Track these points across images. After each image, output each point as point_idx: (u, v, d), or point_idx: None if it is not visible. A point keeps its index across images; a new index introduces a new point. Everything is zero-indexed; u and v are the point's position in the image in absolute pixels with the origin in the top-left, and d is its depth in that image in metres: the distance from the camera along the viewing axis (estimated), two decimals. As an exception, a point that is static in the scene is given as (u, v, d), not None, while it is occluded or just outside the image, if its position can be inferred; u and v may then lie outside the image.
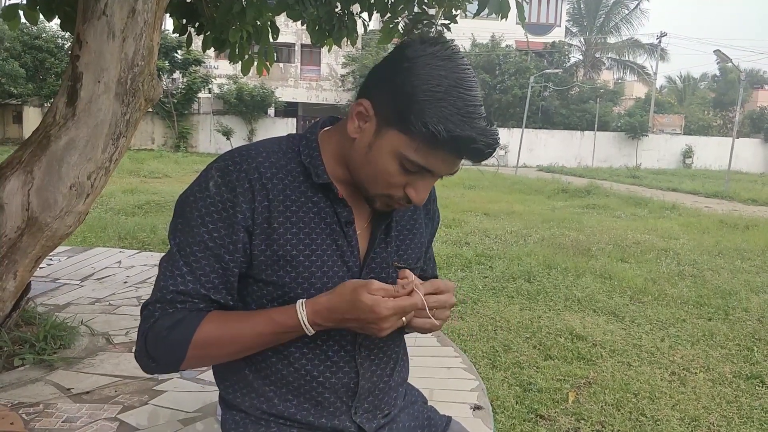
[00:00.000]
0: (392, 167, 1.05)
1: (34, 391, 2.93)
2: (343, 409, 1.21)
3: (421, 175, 1.06)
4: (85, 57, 2.86)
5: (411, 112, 1.00)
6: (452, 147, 1.01)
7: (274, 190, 1.11)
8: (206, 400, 2.86)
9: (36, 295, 4.25)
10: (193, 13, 4.31)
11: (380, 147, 1.05)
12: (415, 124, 0.99)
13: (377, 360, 1.23)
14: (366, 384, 1.22)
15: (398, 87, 1.02)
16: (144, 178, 14.93)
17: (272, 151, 1.15)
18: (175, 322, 1.09)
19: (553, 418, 3.02)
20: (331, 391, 1.19)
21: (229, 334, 1.10)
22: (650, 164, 32.38)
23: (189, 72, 27.51)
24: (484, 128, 1.01)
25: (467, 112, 0.99)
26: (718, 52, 22.26)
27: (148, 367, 1.13)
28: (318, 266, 1.13)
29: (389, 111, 1.04)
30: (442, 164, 1.05)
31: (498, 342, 4.06)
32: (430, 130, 0.98)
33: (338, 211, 1.15)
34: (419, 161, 1.03)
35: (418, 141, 1.01)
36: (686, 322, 4.74)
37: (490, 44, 32.59)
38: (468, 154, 1.03)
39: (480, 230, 8.72)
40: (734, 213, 12.18)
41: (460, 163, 1.07)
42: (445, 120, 0.98)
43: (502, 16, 3.76)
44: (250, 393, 1.21)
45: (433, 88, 0.99)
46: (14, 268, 3.00)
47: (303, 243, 1.13)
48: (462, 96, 0.99)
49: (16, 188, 2.87)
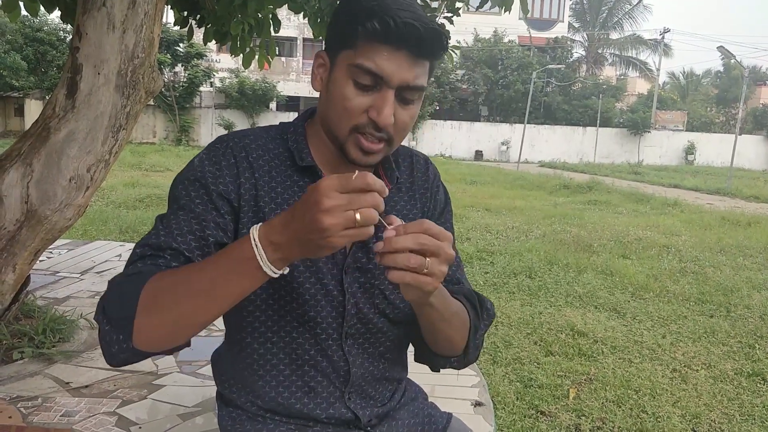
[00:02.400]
0: (348, 90, 1.04)
1: (33, 384, 2.92)
2: (336, 394, 1.20)
3: (377, 89, 1.03)
4: (85, 48, 2.84)
5: (349, 24, 1.03)
6: (390, 36, 1.00)
7: (260, 170, 1.12)
8: (206, 395, 2.85)
9: (35, 288, 4.25)
10: (194, 5, 4.28)
11: (335, 76, 1.07)
12: (354, 31, 1.02)
13: (364, 351, 1.21)
14: (358, 371, 1.20)
15: (338, 15, 1.08)
16: (145, 171, 14.92)
17: (260, 135, 1.17)
18: (136, 272, 0.99)
19: (554, 414, 3.01)
20: (324, 375, 1.18)
21: (183, 275, 0.95)
22: (652, 160, 32.35)
23: (191, 65, 27.48)
24: (418, 13, 1.01)
25: (398, 3, 1.01)
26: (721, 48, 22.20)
27: (102, 333, 0.97)
28: None
29: (336, 41, 1.07)
30: (390, 63, 1.01)
31: (499, 338, 4.04)
32: (366, 27, 1.00)
33: None
34: (367, 64, 1.01)
35: (360, 46, 1.02)
36: (688, 318, 4.73)
37: (492, 39, 32.54)
38: (407, 41, 1.00)
39: (481, 226, 8.70)
40: (736, 210, 12.16)
41: (413, 64, 1.03)
42: (377, 13, 1.00)
43: (505, 9, 3.74)
44: (245, 388, 1.21)
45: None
46: (13, 260, 2.98)
47: None
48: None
49: (15, 180, 2.85)
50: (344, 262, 1.16)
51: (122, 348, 0.95)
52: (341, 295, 1.16)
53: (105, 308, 0.97)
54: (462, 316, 1.16)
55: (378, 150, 1.07)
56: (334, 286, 1.15)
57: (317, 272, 1.14)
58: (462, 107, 33.34)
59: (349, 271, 1.16)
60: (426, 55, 1.03)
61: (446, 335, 1.14)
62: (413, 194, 1.26)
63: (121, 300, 0.95)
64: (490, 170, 20.48)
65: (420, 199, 1.26)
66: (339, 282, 1.15)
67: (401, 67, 1.01)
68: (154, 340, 0.95)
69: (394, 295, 1.19)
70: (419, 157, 1.32)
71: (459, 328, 1.16)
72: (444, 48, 1.05)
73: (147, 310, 0.93)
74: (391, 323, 1.21)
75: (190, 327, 0.95)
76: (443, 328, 1.12)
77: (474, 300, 1.22)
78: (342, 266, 1.16)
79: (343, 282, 1.16)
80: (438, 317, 1.08)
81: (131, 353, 0.95)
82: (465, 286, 1.28)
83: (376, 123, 1.04)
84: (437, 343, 1.17)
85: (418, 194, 1.26)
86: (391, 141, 1.08)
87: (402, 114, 1.06)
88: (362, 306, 1.18)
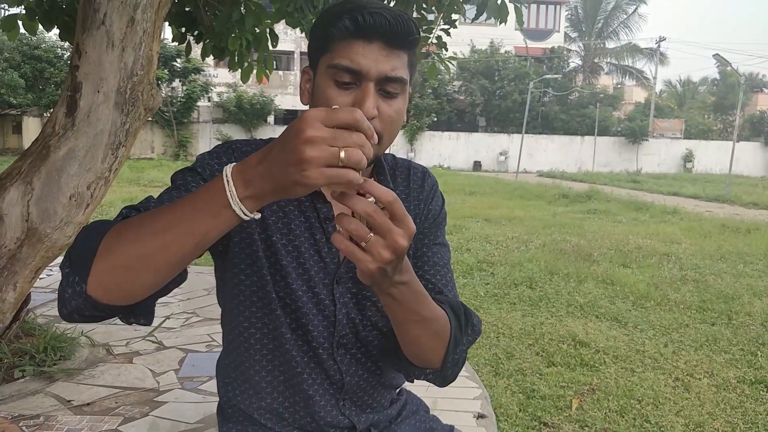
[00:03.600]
0: (330, 90, 1.05)
1: (35, 403, 2.92)
2: (332, 402, 1.21)
3: (358, 85, 1.04)
4: (84, 67, 2.86)
5: (323, 30, 1.06)
6: (361, 30, 1.02)
7: None
8: (207, 411, 2.84)
9: (36, 306, 4.24)
10: (192, 21, 4.31)
11: (317, 82, 1.09)
12: (328, 35, 1.05)
13: (357, 361, 1.22)
14: (351, 380, 1.21)
15: (314, 27, 1.10)
16: (144, 186, 14.94)
17: (257, 145, 1.17)
18: (113, 220, 0.96)
19: (557, 425, 3.00)
20: (319, 384, 1.19)
21: (151, 213, 0.90)
22: (651, 169, 32.39)
23: (188, 80, 27.55)
24: (387, 7, 1.03)
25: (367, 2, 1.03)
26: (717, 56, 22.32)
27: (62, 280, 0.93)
28: (294, 257, 1.15)
29: (315, 51, 1.10)
30: (365, 56, 1.02)
31: (500, 349, 4.04)
32: (338, 27, 1.03)
33: (318, 206, 1.16)
34: (344, 62, 1.03)
35: (335, 48, 1.04)
36: (689, 327, 4.72)
37: (489, 50, 32.65)
38: (378, 33, 1.02)
39: (481, 236, 8.70)
40: (736, 217, 12.17)
41: (388, 55, 1.04)
42: (347, 12, 1.02)
43: (500, 21, 3.76)
44: (248, 391, 1.22)
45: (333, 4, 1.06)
46: (14, 279, 2.98)
47: (281, 232, 1.15)
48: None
49: (15, 199, 2.86)
50: (337, 271, 1.16)
51: (75, 291, 0.89)
52: (332, 305, 1.16)
53: (69, 252, 0.93)
54: (440, 323, 1.07)
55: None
56: (326, 296, 1.16)
57: (309, 281, 1.15)
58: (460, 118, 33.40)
59: (341, 281, 1.17)
60: (399, 44, 1.04)
61: (415, 339, 1.06)
62: (408, 206, 1.24)
63: (84, 241, 0.91)
64: (488, 181, 20.51)
65: (413, 210, 1.25)
66: (330, 291, 1.16)
67: (377, 59, 1.02)
68: (109, 284, 0.89)
69: None
70: (417, 169, 1.31)
71: (434, 336, 1.08)
72: (416, 37, 1.06)
73: (108, 249, 0.88)
74: (382, 335, 1.21)
75: (147, 268, 0.87)
76: (412, 330, 1.04)
77: (459, 311, 1.14)
78: (334, 276, 1.16)
79: (335, 292, 1.16)
80: (404, 316, 1.00)
81: (83, 300, 0.89)
82: (450, 297, 1.21)
83: None
84: (405, 346, 1.09)
85: (412, 205, 1.26)
86: (380, 137, 1.06)
87: (386, 108, 1.05)
88: (354, 316, 1.18)
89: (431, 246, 1.26)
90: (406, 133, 30.06)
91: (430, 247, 1.25)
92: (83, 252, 0.89)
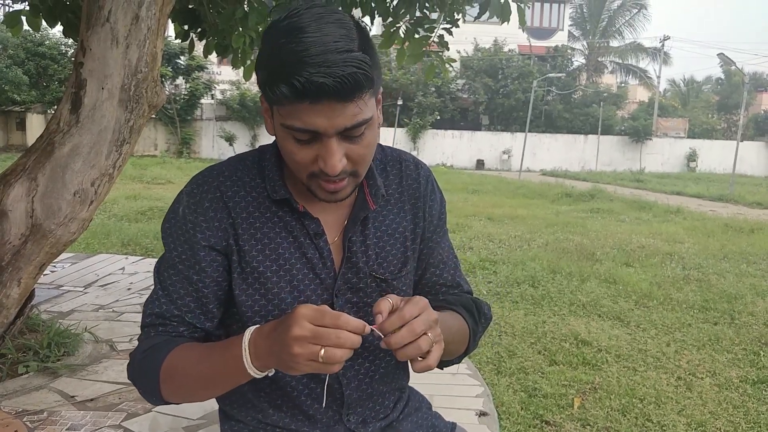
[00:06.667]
0: (290, 144, 1.00)
1: (38, 398, 2.93)
2: (336, 418, 1.20)
3: (316, 140, 0.98)
4: (88, 64, 2.87)
5: (265, 86, 0.96)
6: (303, 95, 0.91)
7: (236, 208, 1.12)
8: (209, 408, 2.85)
9: (40, 302, 4.25)
10: (195, 18, 4.31)
11: (276, 129, 1.03)
12: (272, 93, 0.95)
13: (360, 371, 1.21)
14: (353, 393, 1.20)
15: (256, 71, 1.00)
16: (147, 184, 14.95)
17: (236, 168, 1.16)
18: (151, 347, 1.09)
19: (559, 423, 3.01)
20: (319, 402, 1.18)
21: (190, 363, 1.04)
22: (654, 168, 32.30)
23: (192, 78, 27.57)
24: (328, 58, 0.90)
25: (298, 56, 0.91)
26: (721, 55, 22.23)
27: (140, 392, 1.14)
28: (287, 281, 1.12)
29: (264, 94, 1.00)
30: (317, 117, 0.94)
31: (503, 347, 4.04)
32: (279, 92, 0.93)
33: (306, 223, 1.13)
34: (296, 124, 0.96)
35: (283, 107, 0.96)
36: (692, 326, 4.72)
37: (492, 49, 32.60)
38: (323, 94, 0.91)
39: (484, 235, 8.70)
40: (739, 216, 12.14)
41: (343, 108, 0.94)
42: (283, 77, 0.92)
43: (503, 20, 3.76)
44: (246, 405, 1.21)
45: (266, 52, 0.96)
46: (18, 275, 2.99)
47: (270, 259, 1.12)
48: (290, 46, 0.92)
49: (20, 195, 2.87)
50: (334, 286, 1.15)
51: (159, 403, 1.12)
52: None
53: (135, 381, 1.12)
54: (463, 331, 1.18)
55: (342, 187, 1.04)
56: None
57: (305, 301, 1.13)
58: (463, 117, 33.34)
59: (340, 294, 1.16)
60: (350, 97, 0.93)
61: (449, 352, 1.12)
62: (402, 205, 1.23)
63: (145, 378, 1.09)
64: (491, 179, 20.47)
65: (411, 210, 1.24)
66: (330, 306, 1.15)
67: (330, 116, 0.94)
68: (180, 401, 1.11)
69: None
70: (408, 162, 1.27)
71: (460, 343, 1.19)
72: (369, 79, 0.94)
73: (166, 387, 1.07)
74: None
75: (203, 399, 1.09)
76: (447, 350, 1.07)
77: (471, 308, 1.23)
78: (332, 290, 1.15)
79: (334, 305, 1.14)
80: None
81: (167, 404, 1.13)
82: (464, 288, 1.31)
83: (328, 174, 1.00)
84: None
85: (408, 204, 1.24)
86: (355, 174, 1.04)
87: (355, 149, 1.00)
88: None
89: (438, 242, 1.28)
90: (409, 132, 30.04)
91: (438, 243, 1.27)
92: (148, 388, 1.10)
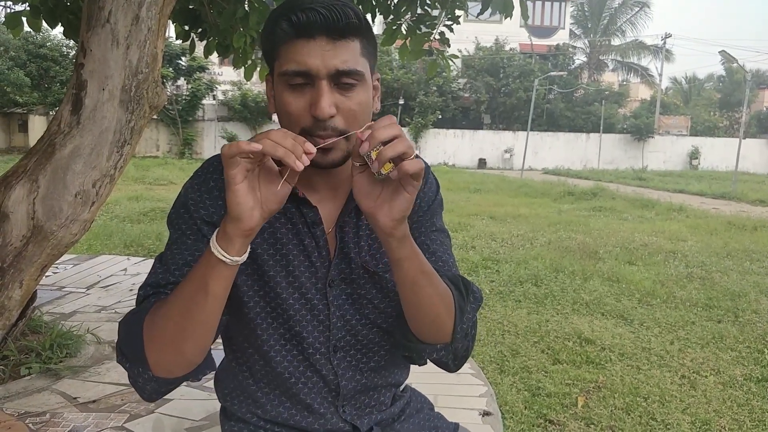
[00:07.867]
0: (286, 95, 1.05)
1: (41, 400, 2.93)
2: (331, 409, 1.21)
3: (311, 86, 1.02)
4: (89, 65, 2.86)
5: (268, 40, 1.07)
6: (299, 30, 1.01)
7: None
8: (212, 409, 2.85)
9: (42, 303, 4.26)
10: (196, 19, 4.31)
11: (276, 90, 1.09)
12: (273, 43, 1.05)
13: (356, 363, 1.21)
14: (348, 384, 1.21)
15: (261, 39, 1.12)
16: (149, 185, 14.98)
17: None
18: (137, 311, 1.08)
19: (563, 422, 3.00)
20: (316, 392, 1.19)
21: (172, 296, 1.01)
22: (656, 166, 32.26)
23: (193, 79, 27.59)
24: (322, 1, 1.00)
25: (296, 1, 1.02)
26: (723, 52, 22.19)
27: (128, 373, 1.08)
28: (283, 265, 1.15)
29: (269, 61, 1.10)
30: (310, 55, 1.00)
31: (506, 346, 4.03)
32: (278, 33, 1.03)
33: (304, 211, 1.15)
34: (291, 67, 1.02)
35: (281, 54, 1.04)
36: (695, 324, 4.70)
37: (494, 47, 32.58)
38: (317, 27, 1.00)
39: (486, 234, 8.69)
40: (742, 214, 12.12)
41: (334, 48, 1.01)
42: (282, 16, 1.02)
43: (506, 15, 3.75)
44: (246, 399, 1.22)
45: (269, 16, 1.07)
46: (20, 277, 2.99)
47: (267, 242, 1.14)
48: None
49: (21, 197, 2.87)
50: (327, 275, 1.16)
51: (146, 379, 1.05)
52: (326, 309, 1.16)
53: (121, 349, 1.07)
54: (447, 295, 1.09)
55: (333, 144, 1.03)
56: (319, 300, 1.16)
57: (300, 288, 1.15)
58: (464, 116, 33.33)
59: (333, 284, 1.16)
60: (343, 34, 1.01)
61: (428, 301, 1.05)
62: None
63: (129, 337, 1.04)
64: (493, 178, 20.46)
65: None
66: (323, 296, 1.16)
67: (323, 55, 1.00)
68: (168, 364, 1.04)
69: (384, 303, 1.19)
70: None
71: (442, 301, 1.08)
72: (360, 22, 1.02)
73: (150, 339, 1.01)
74: (383, 332, 1.21)
75: (188, 336, 1.00)
76: (425, 288, 1.03)
77: (458, 282, 1.15)
78: (326, 280, 1.16)
79: (328, 295, 1.16)
80: (415, 273, 1.01)
81: (156, 383, 1.06)
82: (451, 269, 1.22)
83: (318, 118, 1.02)
84: (417, 319, 1.08)
85: None
86: (345, 133, 1.04)
87: (345, 102, 1.03)
88: (350, 318, 1.18)
89: (429, 234, 1.24)
90: (411, 131, 30.02)
91: (428, 235, 1.23)
92: (133, 345, 1.03)
